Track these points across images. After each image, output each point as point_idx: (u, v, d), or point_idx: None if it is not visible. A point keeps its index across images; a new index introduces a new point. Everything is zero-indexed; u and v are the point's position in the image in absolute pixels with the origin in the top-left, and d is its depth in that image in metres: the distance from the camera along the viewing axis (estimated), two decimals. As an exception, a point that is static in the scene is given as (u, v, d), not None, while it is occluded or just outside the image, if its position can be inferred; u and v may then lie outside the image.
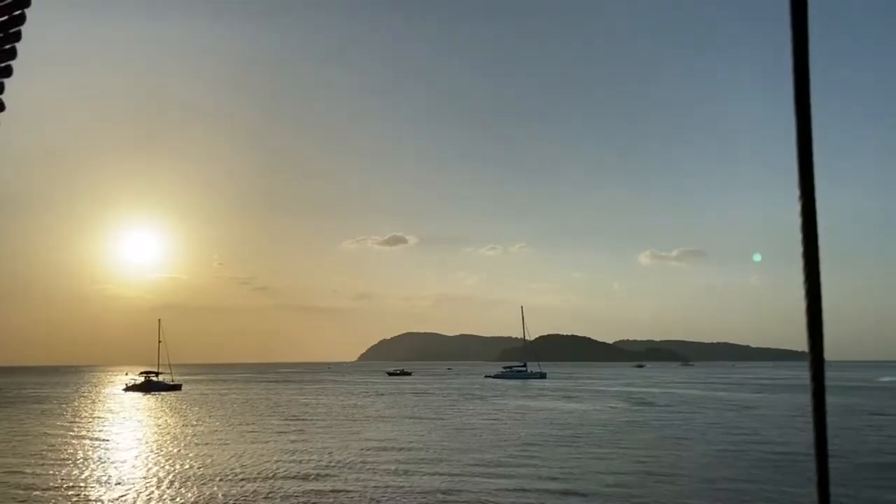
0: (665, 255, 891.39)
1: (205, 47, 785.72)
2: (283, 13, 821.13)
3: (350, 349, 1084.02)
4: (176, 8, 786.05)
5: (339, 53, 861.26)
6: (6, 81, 3.24)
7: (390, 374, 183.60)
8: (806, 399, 1.71)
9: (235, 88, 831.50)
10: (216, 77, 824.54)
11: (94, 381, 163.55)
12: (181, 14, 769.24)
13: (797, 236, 1.80)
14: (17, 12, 3.24)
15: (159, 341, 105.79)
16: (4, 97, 3.30)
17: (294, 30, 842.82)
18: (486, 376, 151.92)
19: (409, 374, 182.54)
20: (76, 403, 77.85)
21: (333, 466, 30.03)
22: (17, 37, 3.24)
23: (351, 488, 25.12)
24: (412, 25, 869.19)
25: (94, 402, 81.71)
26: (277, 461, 31.57)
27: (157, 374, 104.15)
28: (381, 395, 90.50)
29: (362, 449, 35.14)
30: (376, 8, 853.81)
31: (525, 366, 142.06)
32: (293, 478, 27.38)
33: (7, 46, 3.27)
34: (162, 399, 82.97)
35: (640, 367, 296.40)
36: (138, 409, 68.05)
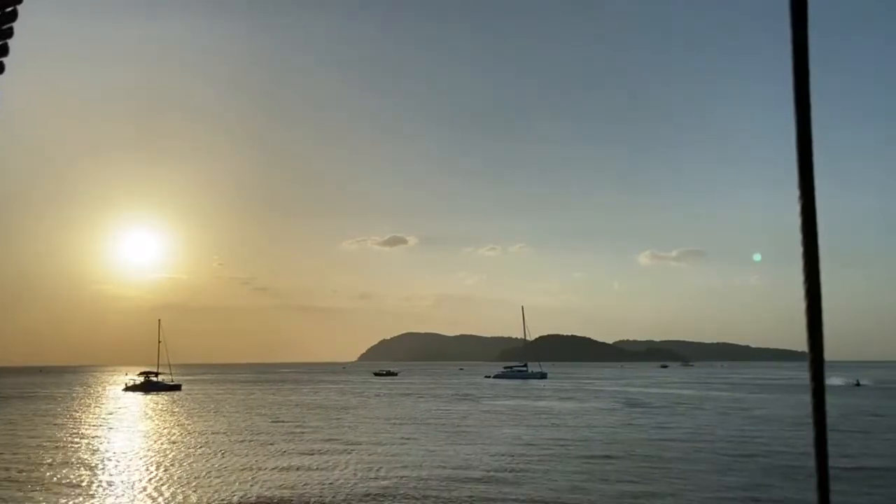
0: (665, 255, 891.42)
1: (205, 47, 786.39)
2: (283, 13, 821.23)
3: (350, 349, 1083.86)
4: (176, 8, 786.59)
5: (339, 53, 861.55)
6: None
7: (377, 374, 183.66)
8: (804, 398, 1.68)
9: (235, 88, 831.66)
10: (216, 77, 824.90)
11: (93, 381, 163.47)
12: (181, 14, 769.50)
13: (797, 236, 1.80)
14: (8, 9, 3.17)
15: (159, 341, 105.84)
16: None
17: (294, 30, 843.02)
18: (485, 377, 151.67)
19: (395, 374, 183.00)
20: (75, 403, 77.79)
21: (324, 473, 29.97)
22: (9, 34, 3.18)
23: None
24: (412, 25, 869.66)
25: (92, 401, 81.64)
26: (267, 470, 31.55)
27: (156, 374, 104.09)
28: (379, 395, 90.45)
29: (356, 460, 34.87)
30: (377, 8, 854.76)
31: (525, 366, 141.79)
32: (278, 487, 27.33)
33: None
34: (161, 399, 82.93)
35: (665, 367, 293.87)
36: (136, 410, 67.99)
